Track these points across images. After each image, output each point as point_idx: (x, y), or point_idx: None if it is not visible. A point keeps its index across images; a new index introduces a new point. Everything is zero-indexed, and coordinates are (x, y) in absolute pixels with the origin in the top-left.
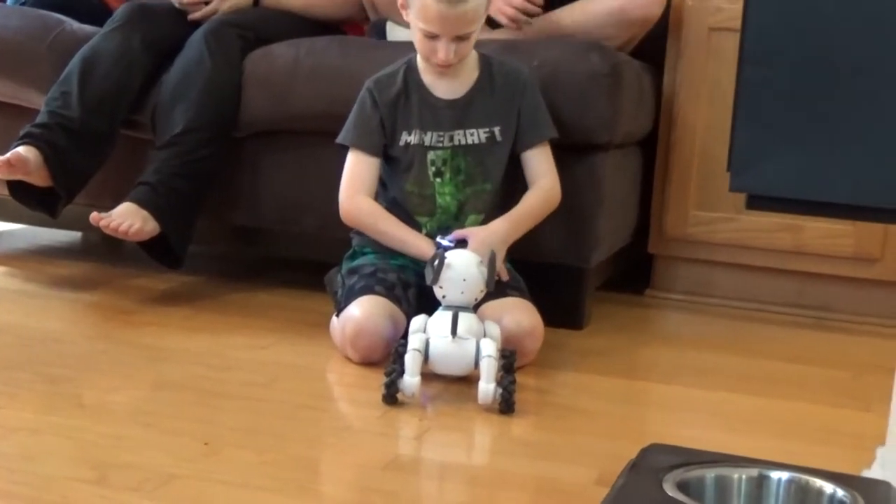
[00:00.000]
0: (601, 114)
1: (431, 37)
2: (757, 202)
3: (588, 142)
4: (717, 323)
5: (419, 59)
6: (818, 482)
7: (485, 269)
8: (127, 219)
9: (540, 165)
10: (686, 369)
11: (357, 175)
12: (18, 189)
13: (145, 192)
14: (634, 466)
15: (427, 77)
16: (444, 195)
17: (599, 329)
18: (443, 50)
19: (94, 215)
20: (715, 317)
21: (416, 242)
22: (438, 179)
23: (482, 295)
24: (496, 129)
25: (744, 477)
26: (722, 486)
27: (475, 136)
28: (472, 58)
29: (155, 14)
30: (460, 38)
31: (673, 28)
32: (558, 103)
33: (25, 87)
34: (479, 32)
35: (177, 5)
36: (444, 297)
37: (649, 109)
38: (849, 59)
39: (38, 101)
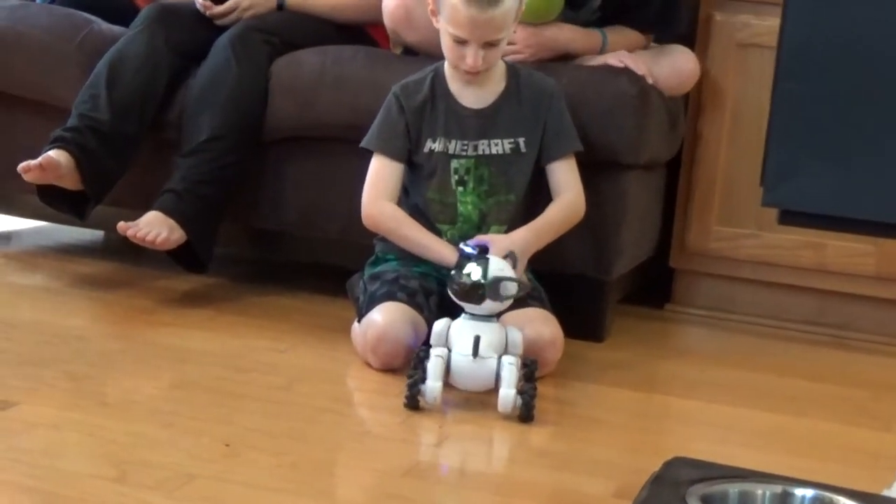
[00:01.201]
0: (627, 135)
1: (460, 42)
2: (789, 217)
3: (613, 161)
4: (737, 339)
5: (447, 66)
6: (842, 500)
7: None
8: (154, 228)
9: (565, 178)
10: (705, 384)
11: (380, 179)
12: (48, 192)
13: (172, 200)
14: (657, 479)
15: (454, 85)
16: (466, 204)
17: (619, 342)
18: (471, 56)
19: (121, 225)
20: (735, 333)
21: (438, 248)
22: (461, 188)
23: (510, 303)
24: (521, 140)
25: (768, 493)
26: (745, 501)
27: (499, 146)
28: (500, 68)
29: (179, 15)
30: (489, 45)
31: (700, 43)
32: (585, 123)
33: (54, 86)
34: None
35: (199, 8)
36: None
37: (679, 138)
38: (884, 77)
39: (67, 100)
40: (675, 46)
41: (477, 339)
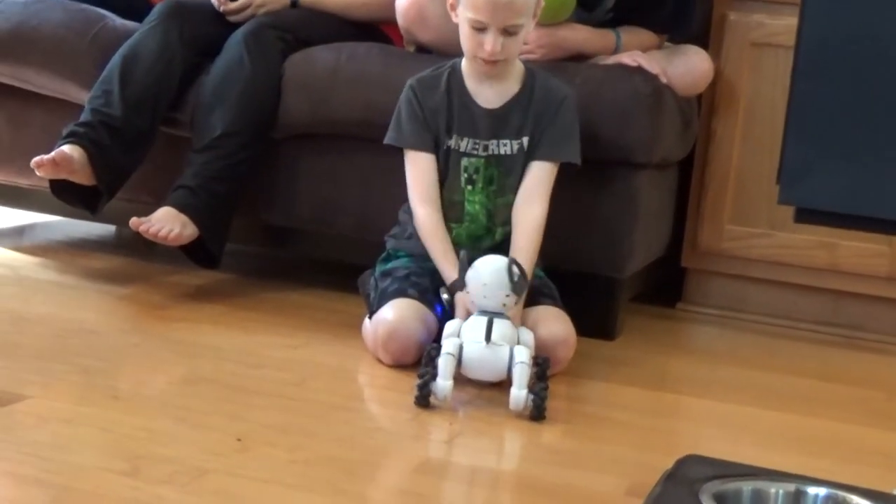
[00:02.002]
0: (641, 134)
1: (480, 29)
2: (805, 216)
3: (626, 160)
4: (749, 338)
5: (464, 62)
6: (856, 499)
7: (506, 276)
8: (166, 224)
9: (540, 184)
10: (717, 383)
11: (416, 179)
12: (61, 187)
13: (184, 196)
14: (670, 477)
15: (470, 82)
16: (474, 203)
17: (631, 340)
18: (490, 42)
19: (133, 220)
20: (747, 332)
21: (443, 268)
22: (470, 187)
23: (510, 301)
24: (524, 140)
25: (781, 491)
26: (759, 499)
27: (508, 146)
28: (518, 69)
29: (193, 11)
30: (508, 33)
31: (714, 42)
32: (599, 121)
33: (66, 82)
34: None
35: (216, 5)
36: (472, 301)
37: (692, 138)
38: None
39: (79, 96)
40: (688, 46)
41: (490, 323)
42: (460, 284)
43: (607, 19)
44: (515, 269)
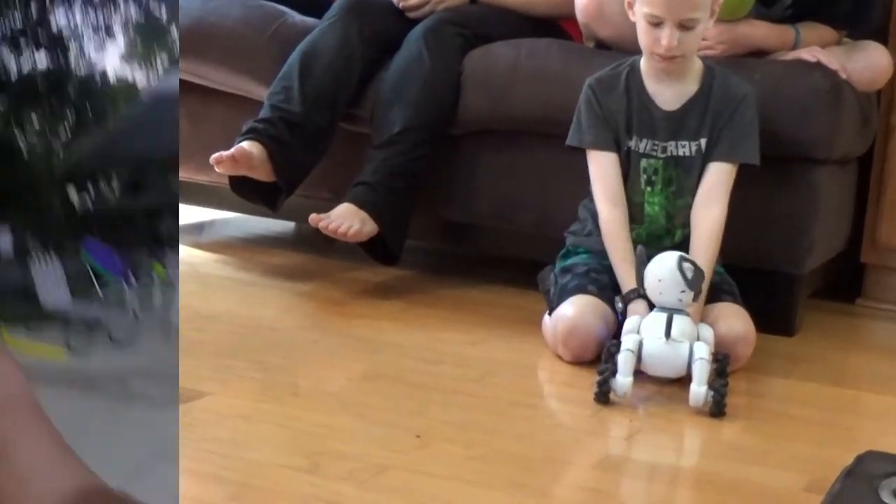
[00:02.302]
0: (821, 130)
1: (656, 24)
2: None
3: (806, 156)
4: None
5: (643, 62)
6: None
7: (681, 272)
8: (346, 220)
9: (720, 185)
10: None
11: (600, 178)
12: (240, 184)
13: (364, 192)
14: (850, 473)
15: (649, 82)
16: (654, 205)
17: (810, 336)
18: (666, 36)
19: (313, 217)
20: None
21: (621, 274)
22: (649, 188)
23: (687, 298)
24: (702, 141)
25: None
26: None
27: (686, 148)
28: (697, 67)
29: (372, 7)
30: (684, 28)
31: (894, 38)
32: (778, 117)
33: (246, 78)
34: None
35: (395, 2)
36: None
37: (872, 133)
38: None
39: (258, 92)
40: (868, 42)
41: (670, 319)
42: (634, 294)
43: (786, 15)
44: (687, 264)
